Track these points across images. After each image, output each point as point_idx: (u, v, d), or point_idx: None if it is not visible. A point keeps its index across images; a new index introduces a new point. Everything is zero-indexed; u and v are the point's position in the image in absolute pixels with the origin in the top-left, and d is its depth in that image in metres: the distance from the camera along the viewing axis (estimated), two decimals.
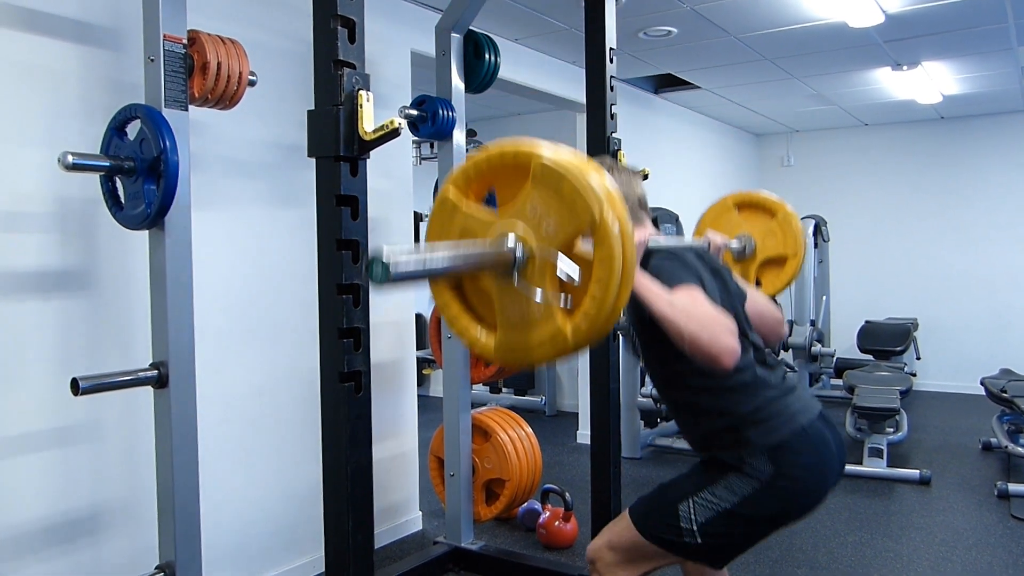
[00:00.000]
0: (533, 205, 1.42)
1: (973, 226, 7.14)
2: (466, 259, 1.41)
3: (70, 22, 2.37)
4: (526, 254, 1.42)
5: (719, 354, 1.57)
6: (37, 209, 2.30)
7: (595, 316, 1.37)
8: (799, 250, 2.70)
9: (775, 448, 1.75)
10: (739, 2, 3.89)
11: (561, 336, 1.40)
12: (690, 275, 1.77)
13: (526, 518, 3.73)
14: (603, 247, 1.35)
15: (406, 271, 1.27)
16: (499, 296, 1.48)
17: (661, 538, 1.82)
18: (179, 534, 1.95)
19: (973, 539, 3.57)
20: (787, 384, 1.88)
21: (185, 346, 1.97)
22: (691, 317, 1.61)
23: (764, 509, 1.76)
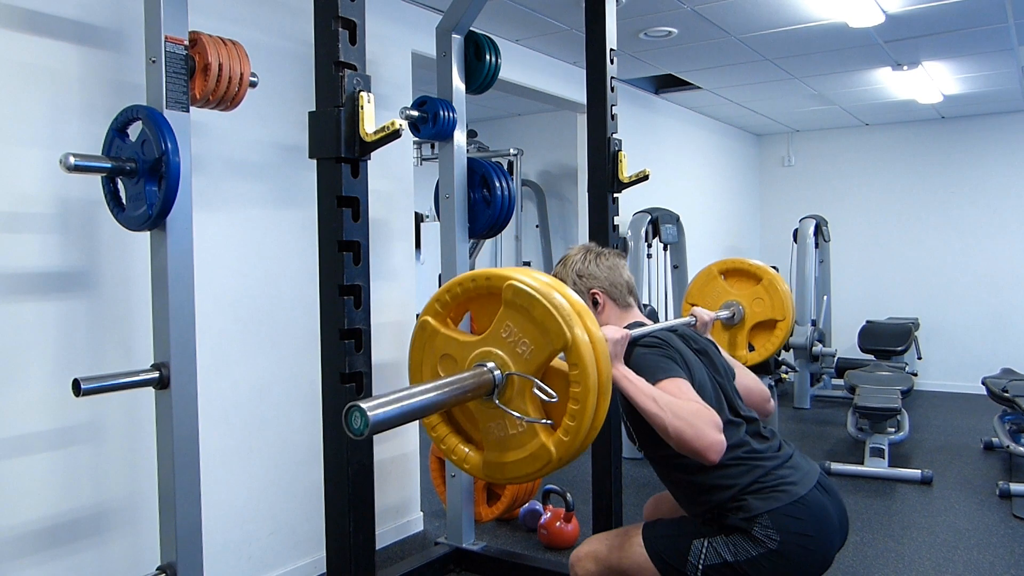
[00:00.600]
0: (508, 328, 1.47)
1: (974, 225, 7.13)
2: (446, 395, 1.43)
3: (71, 23, 2.37)
4: (504, 377, 1.47)
5: (705, 449, 1.62)
6: (39, 210, 2.30)
7: (576, 430, 1.42)
8: (787, 313, 2.78)
9: (778, 515, 1.76)
10: (739, 2, 3.90)
11: (545, 452, 1.45)
12: (674, 366, 1.79)
13: (527, 519, 3.73)
14: (578, 367, 1.41)
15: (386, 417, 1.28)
16: (482, 417, 1.54)
17: (665, 562, 1.83)
18: (180, 535, 1.96)
19: (975, 539, 3.57)
20: (783, 454, 1.90)
21: (186, 347, 1.98)
22: (676, 414, 1.64)
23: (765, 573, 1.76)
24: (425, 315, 1.61)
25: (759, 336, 2.85)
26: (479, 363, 1.49)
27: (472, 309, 1.62)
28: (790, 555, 1.75)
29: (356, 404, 1.24)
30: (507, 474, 1.54)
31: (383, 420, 1.27)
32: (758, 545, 1.75)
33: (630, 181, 2.89)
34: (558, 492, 3.59)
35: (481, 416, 1.54)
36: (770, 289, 2.78)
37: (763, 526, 1.76)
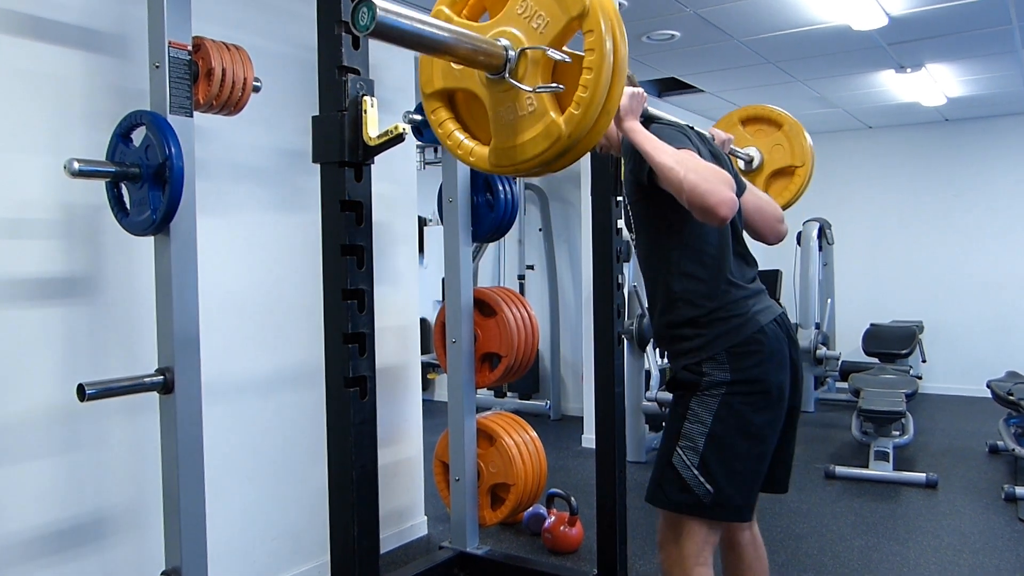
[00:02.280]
0: (523, 5, 1.42)
1: (978, 228, 7.12)
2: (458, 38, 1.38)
3: (75, 29, 2.38)
4: (518, 53, 1.42)
5: (717, 204, 1.60)
6: (43, 216, 2.30)
7: (588, 104, 1.37)
8: (807, 159, 2.69)
9: (731, 351, 1.81)
10: (742, 6, 3.90)
11: (555, 127, 1.40)
12: (690, 143, 1.81)
13: (531, 523, 3.72)
14: (593, 33, 1.35)
15: (394, 24, 1.23)
16: (492, 103, 1.48)
17: (682, 503, 1.85)
18: (185, 539, 1.96)
19: (980, 543, 3.55)
20: (755, 286, 1.93)
21: (191, 352, 1.98)
22: (691, 168, 1.64)
23: (734, 420, 1.81)
24: (440, 3, 1.55)
25: (776, 184, 2.76)
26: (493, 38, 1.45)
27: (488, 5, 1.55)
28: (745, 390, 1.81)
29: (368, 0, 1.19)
30: (516, 158, 1.47)
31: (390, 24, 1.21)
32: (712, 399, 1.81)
33: None
34: (562, 496, 3.58)
35: (491, 103, 1.48)
36: (790, 135, 2.70)
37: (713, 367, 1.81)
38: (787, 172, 2.72)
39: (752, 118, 2.81)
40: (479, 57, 1.42)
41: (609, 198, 2.84)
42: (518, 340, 3.41)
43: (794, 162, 2.70)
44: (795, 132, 2.71)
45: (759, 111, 2.81)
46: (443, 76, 1.59)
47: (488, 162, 1.53)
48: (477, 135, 1.57)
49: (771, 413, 1.87)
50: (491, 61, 1.43)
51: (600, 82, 1.36)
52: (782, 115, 2.74)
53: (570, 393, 6.48)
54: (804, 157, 2.69)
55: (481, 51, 1.42)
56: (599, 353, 2.85)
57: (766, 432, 1.87)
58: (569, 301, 6.47)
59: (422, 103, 1.62)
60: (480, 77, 1.50)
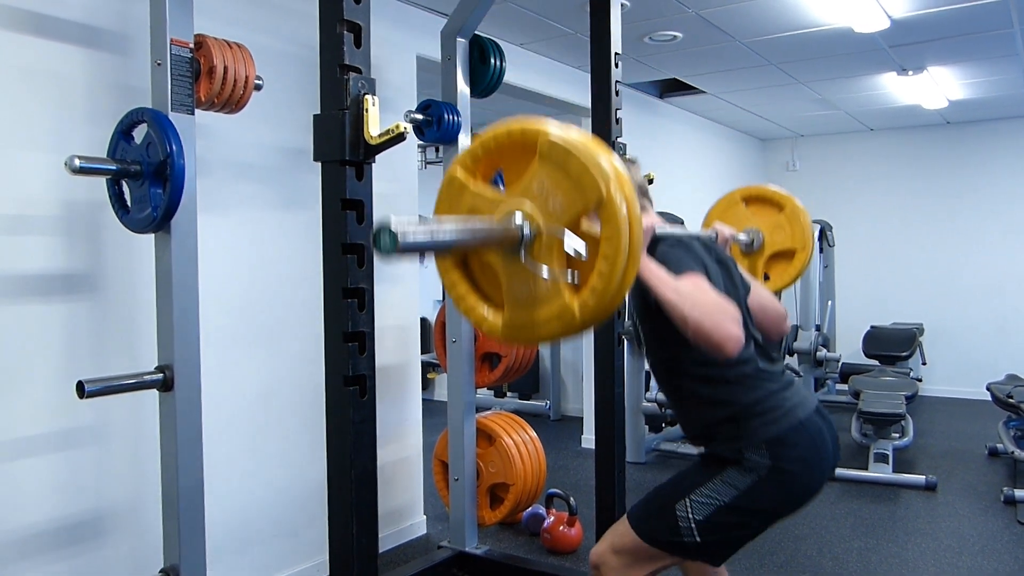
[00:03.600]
0: (540, 183, 1.41)
1: (979, 231, 7.12)
2: (474, 233, 1.40)
3: (77, 26, 2.38)
4: (533, 231, 1.41)
5: (723, 341, 1.57)
6: (44, 212, 2.30)
7: (602, 292, 1.36)
8: (807, 243, 2.69)
9: (773, 441, 1.76)
10: (744, 7, 3.90)
11: (568, 312, 1.39)
12: (696, 263, 1.78)
13: (530, 523, 3.72)
14: (610, 224, 1.34)
15: (414, 242, 1.26)
16: (506, 274, 1.47)
17: (660, 540, 1.83)
18: (184, 537, 1.96)
19: (979, 545, 3.55)
20: (786, 379, 1.89)
21: (190, 349, 1.98)
22: (696, 304, 1.61)
23: (760, 502, 1.77)
24: (455, 167, 1.54)
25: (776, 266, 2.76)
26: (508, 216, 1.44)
27: (504, 166, 1.54)
28: (781, 480, 1.76)
29: (388, 224, 1.22)
30: (528, 335, 1.47)
31: (411, 244, 1.24)
32: (749, 474, 1.76)
33: None
34: (561, 496, 3.58)
35: (505, 274, 1.48)
36: (792, 218, 2.70)
37: (754, 454, 1.76)
38: (787, 255, 2.75)
39: (754, 197, 2.84)
40: (494, 241, 1.43)
41: None
42: None
43: (795, 246, 2.73)
44: (796, 216, 2.73)
45: (762, 192, 2.84)
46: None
47: (501, 335, 1.52)
48: (490, 295, 1.56)
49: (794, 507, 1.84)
50: (507, 242, 1.42)
51: (615, 271, 1.35)
52: (785, 197, 2.76)
53: (570, 393, 6.48)
54: (805, 241, 2.71)
55: (497, 237, 1.42)
56: (599, 353, 2.85)
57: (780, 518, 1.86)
58: None
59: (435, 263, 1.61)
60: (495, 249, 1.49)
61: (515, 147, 1.47)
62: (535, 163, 1.42)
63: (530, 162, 1.43)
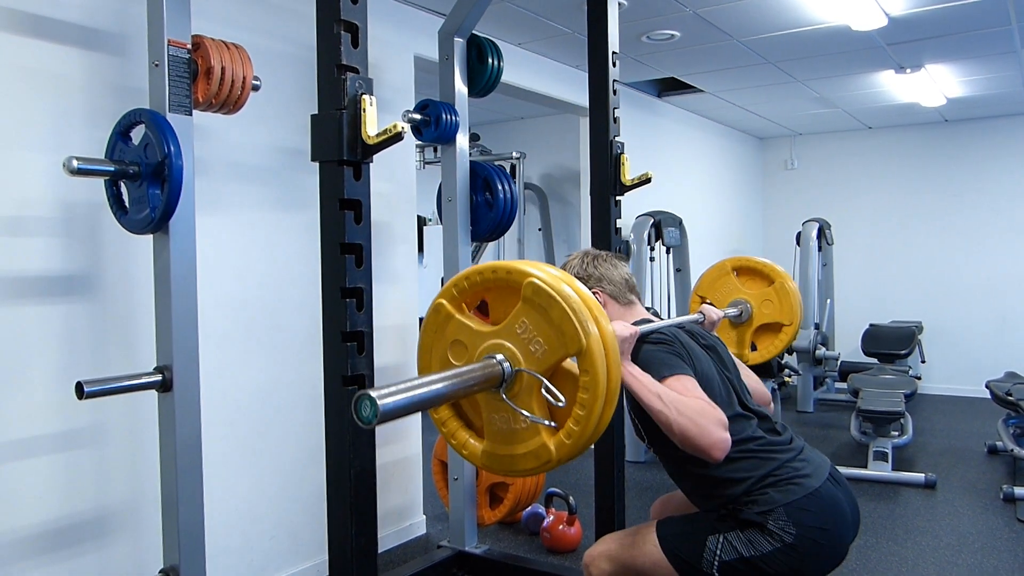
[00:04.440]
0: (523, 325, 1.47)
1: (977, 229, 7.12)
2: (454, 386, 1.43)
3: (75, 27, 2.38)
4: (513, 373, 1.47)
5: (709, 448, 1.62)
6: (42, 213, 2.30)
7: (579, 435, 1.42)
8: (795, 319, 2.79)
9: (794, 507, 1.76)
10: (742, 6, 3.90)
11: (545, 451, 1.45)
12: (681, 362, 1.79)
13: (530, 522, 3.72)
14: (588, 374, 1.40)
15: (395, 405, 1.28)
16: (487, 408, 1.54)
17: (681, 559, 1.83)
18: (183, 538, 1.96)
19: (979, 543, 3.55)
20: (796, 446, 1.90)
21: (189, 350, 1.98)
22: (681, 411, 1.64)
23: (780, 568, 1.76)
24: (440, 298, 1.60)
25: (764, 337, 2.85)
26: (490, 355, 1.49)
27: (489, 298, 1.61)
28: (805, 549, 1.75)
29: (366, 392, 1.24)
30: (505, 467, 1.54)
31: (392, 409, 1.26)
32: (774, 539, 1.75)
33: (632, 184, 2.88)
34: (561, 495, 3.58)
35: (486, 406, 1.54)
36: (780, 292, 2.79)
37: (778, 520, 1.75)
38: (774, 328, 2.82)
39: (745, 268, 2.94)
40: (476, 387, 1.46)
41: (608, 198, 2.84)
42: None
43: (782, 320, 2.81)
44: (785, 291, 2.82)
45: (752, 264, 2.91)
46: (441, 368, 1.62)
47: (479, 461, 1.59)
48: (473, 421, 1.63)
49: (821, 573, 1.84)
50: (488, 382, 1.47)
51: (592, 417, 1.41)
52: (774, 271, 2.83)
53: None
54: (792, 317, 2.80)
55: (479, 381, 1.45)
56: None
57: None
58: None
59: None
60: None
61: (500, 284, 1.53)
62: (519, 305, 1.47)
63: (514, 299, 1.48)
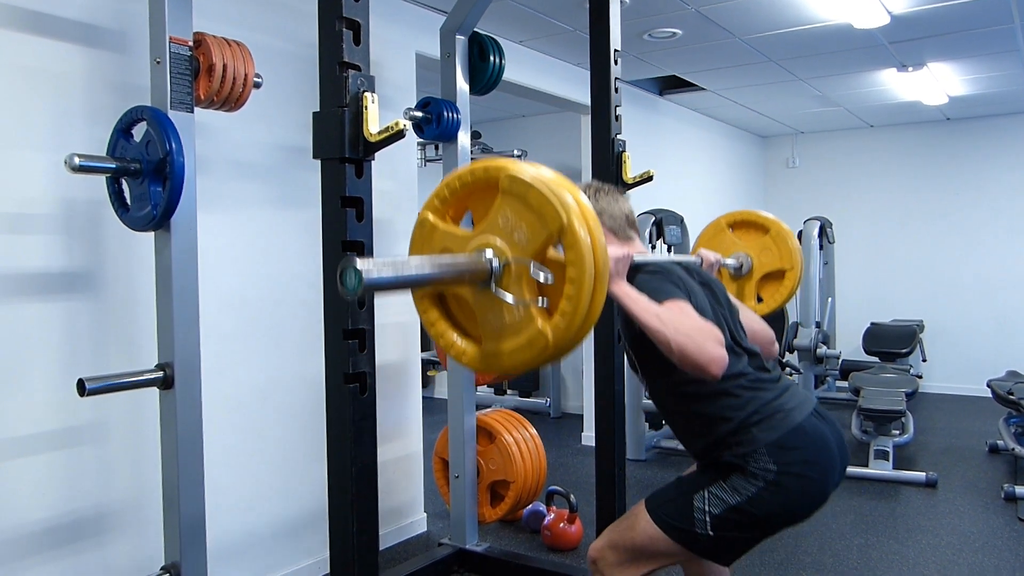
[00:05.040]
0: (505, 217, 1.47)
1: (979, 227, 7.12)
2: (441, 269, 1.45)
3: (76, 25, 2.38)
4: (501, 264, 1.47)
5: (707, 364, 1.61)
6: (43, 211, 2.31)
7: (572, 315, 1.41)
8: (795, 263, 2.76)
9: (775, 446, 1.77)
10: (744, 4, 3.89)
11: (541, 338, 1.44)
12: (677, 290, 1.80)
13: (531, 520, 3.72)
14: (573, 250, 1.40)
15: (380, 280, 1.30)
16: (479, 308, 1.53)
17: (674, 527, 1.83)
18: (184, 535, 1.96)
19: (980, 542, 3.55)
20: (783, 384, 1.91)
21: (191, 347, 1.98)
22: (678, 328, 1.64)
23: (769, 508, 1.78)
24: (424, 211, 1.60)
25: (767, 287, 2.82)
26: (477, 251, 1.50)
27: (471, 206, 1.61)
28: (790, 484, 1.77)
29: (352, 263, 1.25)
30: (504, 363, 1.52)
31: (377, 281, 1.28)
32: (756, 480, 1.76)
33: (634, 182, 2.88)
34: (561, 493, 3.59)
35: (479, 307, 1.53)
36: (778, 239, 2.76)
37: (759, 460, 1.77)
38: (777, 275, 2.81)
39: (739, 222, 2.90)
40: (465, 277, 1.48)
41: None
42: None
43: (783, 265, 2.78)
44: (782, 237, 2.79)
45: (746, 216, 2.89)
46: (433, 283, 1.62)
47: (479, 364, 1.58)
48: (468, 330, 1.62)
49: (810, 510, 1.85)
50: (476, 276, 1.48)
51: (583, 294, 1.40)
52: (768, 220, 2.81)
53: (570, 391, 6.48)
54: (792, 260, 2.76)
55: (467, 272, 1.47)
56: (599, 351, 2.85)
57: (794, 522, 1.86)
58: None
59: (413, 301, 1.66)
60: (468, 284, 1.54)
61: (479, 186, 1.54)
62: (499, 199, 1.48)
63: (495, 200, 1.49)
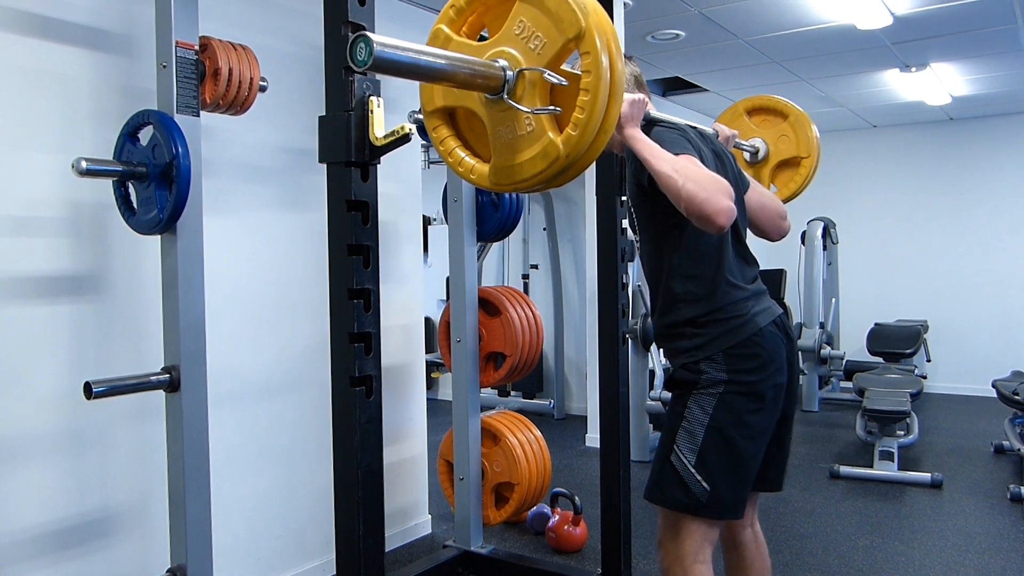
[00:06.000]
0: (520, 24, 1.43)
1: (983, 227, 7.11)
2: (455, 64, 1.40)
3: (83, 29, 2.38)
4: (515, 72, 1.43)
5: (714, 213, 1.61)
6: (50, 214, 2.31)
7: (585, 124, 1.37)
8: (812, 150, 2.69)
9: (729, 352, 1.83)
10: (747, 5, 3.89)
11: (553, 148, 1.41)
12: (691, 146, 1.82)
13: (535, 522, 3.72)
14: (590, 55, 1.36)
15: (390, 57, 1.26)
16: (491, 121, 1.50)
17: (679, 501, 1.86)
18: (190, 537, 1.96)
19: (985, 543, 3.55)
20: (756, 287, 1.94)
21: (197, 350, 1.98)
22: (689, 177, 1.65)
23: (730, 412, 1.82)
24: (439, 23, 1.57)
25: (782, 175, 2.76)
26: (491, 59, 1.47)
27: (487, 22, 1.57)
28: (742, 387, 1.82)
29: (365, 35, 1.23)
30: (515, 177, 1.49)
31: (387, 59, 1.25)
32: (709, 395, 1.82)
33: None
34: (566, 495, 3.59)
35: (491, 122, 1.50)
36: (796, 125, 2.70)
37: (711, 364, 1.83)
38: (793, 163, 2.73)
39: (757, 108, 2.82)
40: (477, 80, 1.44)
41: (613, 198, 2.84)
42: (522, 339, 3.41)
43: (800, 153, 2.70)
44: (801, 123, 2.71)
45: (764, 101, 2.81)
46: (443, 95, 1.61)
47: (488, 180, 1.55)
48: (478, 151, 1.59)
49: (766, 415, 1.89)
50: (489, 83, 1.44)
51: (597, 103, 1.37)
52: (788, 105, 2.74)
53: (574, 392, 6.48)
54: (810, 148, 2.69)
55: (479, 75, 1.43)
56: (603, 352, 2.85)
57: (760, 433, 1.89)
58: (573, 300, 6.47)
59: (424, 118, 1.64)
60: (479, 97, 1.51)
61: None
62: (516, 6, 1.44)
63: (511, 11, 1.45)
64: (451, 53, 1.44)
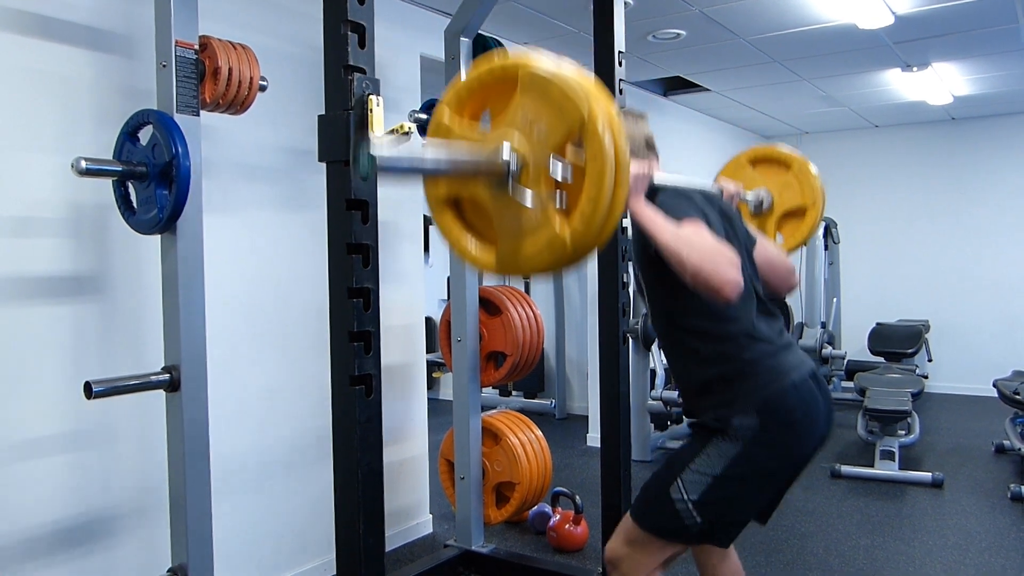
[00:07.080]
0: (524, 113, 1.42)
1: (985, 227, 7.10)
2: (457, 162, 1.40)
3: (83, 29, 2.39)
4: (520, 161, 1.42)
5: (722, 285, 1.57)
6: (50, 214, 2.31)
7: (591, 216, 1.36)
8: (817, 200, 2.66)
9: (763, 405, 1.76)
10: (748, 4, 3.89)
11: (559, 240, 1.39)
12: (696, 212, 1.79)
13: (536, 521, 3.72)
14: (593, 144, 1.34)
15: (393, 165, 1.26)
16: (496, 209, 1.48)
17: (665, 529, 1.84)
18: (191, 537, 1.96)
19: (986, 542, 3.54)
20: (784, 340, 1.89)
21: (197, 350, 1.99)
22: (694, 248, 1.61)
23: (751, 465, 1.77)
24: (442, 108, 1.55)
25: (787, 225, 2.73)
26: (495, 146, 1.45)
27: (490, 105, 1.55)
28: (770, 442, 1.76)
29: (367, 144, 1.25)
30: (521, 267, 1.47)
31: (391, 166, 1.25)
32: (735, 442, 1.76)
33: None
34: (567, 495, 3.59)
35: (495, 209, 1.48)
36: (799, 175, 2.66)
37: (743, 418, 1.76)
38: (798, 213, 2.71)
39: (761, 159, 2.81)
40: (482, 173, 1.42)
41: None
42: (523, 339, 3.41)
43: (804, 203, 2.68)
44: (804, 172, 2.68)
45: (767, 152, 2.81)
46: (447, 184, 1.59)
47: (495, 268, 1.54)
48: (484, 234, 1.56)
49: (788, 472, 1.85)
50: (493, 174, 1.42)
51: (603, 194, 1.34)
52: (791, 156, 2.73)
53: (575, 392, 6.48)
54: (814, 197, 2.66)
55: (482, 168, 1.42)
56: (604, 352, 2.85)
57: (774, 484, 1.86)
58: (574, 300, 6.47)
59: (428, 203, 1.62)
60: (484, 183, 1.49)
61: (499, 83, 1.48)
62: (518, 95, 1.43)
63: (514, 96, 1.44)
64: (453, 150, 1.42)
